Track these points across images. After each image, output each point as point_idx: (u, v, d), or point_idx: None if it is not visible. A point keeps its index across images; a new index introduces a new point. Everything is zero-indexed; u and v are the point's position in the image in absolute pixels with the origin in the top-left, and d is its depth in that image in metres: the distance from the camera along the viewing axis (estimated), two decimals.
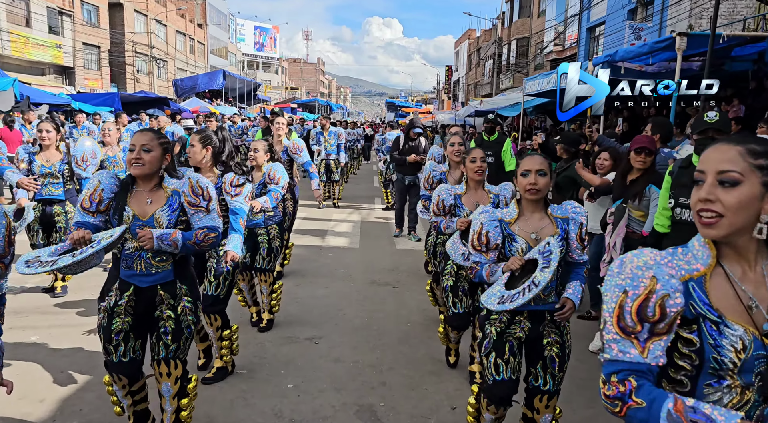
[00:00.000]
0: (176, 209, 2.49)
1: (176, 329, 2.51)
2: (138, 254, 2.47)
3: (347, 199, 11.29)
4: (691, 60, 9.20)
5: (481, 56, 38.85)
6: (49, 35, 25.24)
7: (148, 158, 2.42)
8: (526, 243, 2.37)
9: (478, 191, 3.45)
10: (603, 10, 18.69)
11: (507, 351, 2.37)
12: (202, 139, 3.33)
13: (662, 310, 1.15)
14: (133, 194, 2.49)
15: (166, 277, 2.51)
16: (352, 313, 4.80)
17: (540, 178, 2.33)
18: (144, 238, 2.36)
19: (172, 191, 2.50)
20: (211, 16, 47.12)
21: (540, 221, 2.40)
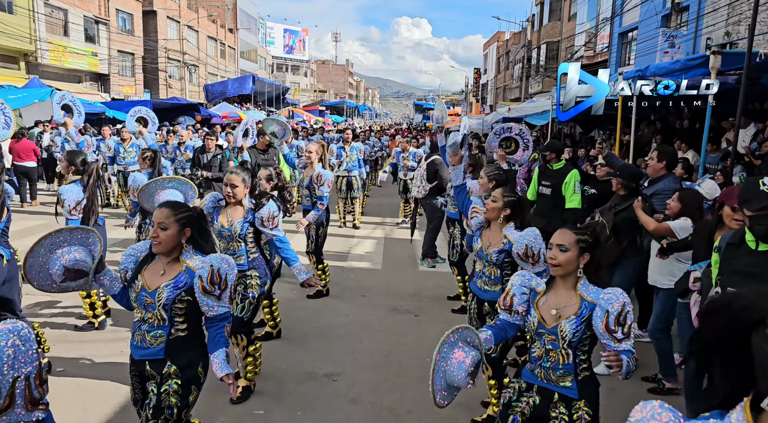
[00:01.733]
0: (181, 288, 2.41)
1: (156, 406, 2.44)
2: (138, 326, 2.48)
3: (370, 212, 11.28)
4: (726, 73, 8.91)
5: (510, 59, 38.45)
6: (85, 44, 25.98)
7: (163, 237, 2.41)
8: (537, 320, 2.31)
9: (495, 231, 3.43)
10: (636, 16, 18.25)
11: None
12: (244, 180, 3.61)
13: None
14: (152, 263, 2.51)
15: (156, 355, 2.44)
16: (372, 345, 4.78)
17: (560, 253, 2.26)
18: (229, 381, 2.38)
19: (186, 268, 2.44)
20: (242, 21, 47.82)
21: (567, 298, 2.28)
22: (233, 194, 3.58)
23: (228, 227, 3.61)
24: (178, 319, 2.44)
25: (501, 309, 2.44)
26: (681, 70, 7.86)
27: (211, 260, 2.42)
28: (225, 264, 2.43)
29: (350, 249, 8.33)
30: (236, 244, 3.64)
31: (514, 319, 2.41)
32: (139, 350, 2.48)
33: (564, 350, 2.24)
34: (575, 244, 2.26)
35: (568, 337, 2.22)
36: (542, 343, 2.29)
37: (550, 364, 2.28)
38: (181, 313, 2.44)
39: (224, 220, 3.64)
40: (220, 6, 44.39)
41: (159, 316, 2.42)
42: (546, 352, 2.28)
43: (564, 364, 2.25)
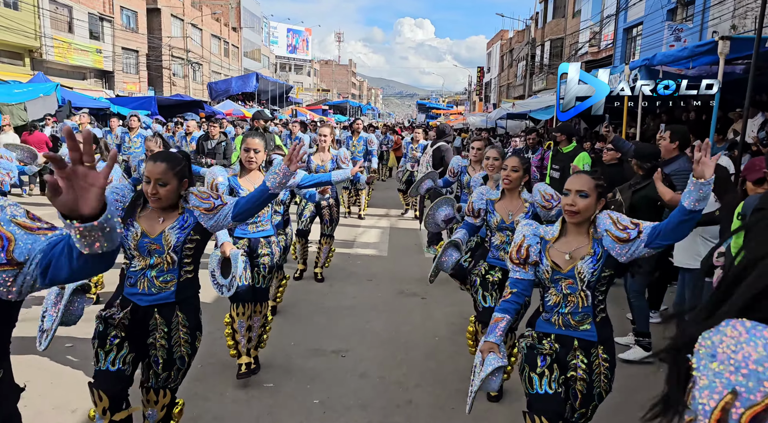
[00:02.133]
0: (187, 228, 2.39)
1: (167, 360, 2.43)
2: (143, 273, 2.40)
3: (376, 204, 11.27)
4: (734, 63, 8.87)
5: (513, 57, 38.39)
6: (90, 40, 26.04)
7: (164, 193, 2.33)
8: (550, 266, 2.27)
9: (514, 199, 3.43)
10: (641, 11, 18.19)
11: (539, 364, 2.25)
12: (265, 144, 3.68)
13: None
14: (146, 210, 2.43)
15: (167, 298, 2.42)
16: (379, 325, 4.77)
17: (580, 199, 2.21)
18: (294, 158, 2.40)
19: (186, 210, 2.42)
20: (245, 20, 47.87)
21: (578, 241, 2.27)
22: (255, 159, 3.56)
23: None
24: (187, 260, 2.43)
25: (514, 264, 2.35)
26: (689, 57, 7.82)
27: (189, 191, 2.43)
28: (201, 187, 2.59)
29: (356, 237, 8.32)
30: (264, 209, 3.66)
31: (528, 274, 2.34)
32: (145, 297, 2.41)
33: (583, 292, 2.22)
34: (594, 189, 2.23)
35: (587, 278, 2.20)
36: (558, 288, 2.26)
37: (569, 308, 2.25)
38: (190, 254, 2.43)
39: (249, 187, 3.50)
40: (223, 5, 44.44)
41: (169, 260, 2.39)
42: (564, 298, 2.25)
43: (583, 306, 2.23)
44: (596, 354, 2.24)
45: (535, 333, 2.36)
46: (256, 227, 3.68)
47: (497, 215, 3.40)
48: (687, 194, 2.04)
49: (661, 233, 2.11)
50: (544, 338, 2.32)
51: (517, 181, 3.36)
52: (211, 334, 4.19)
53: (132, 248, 2.38)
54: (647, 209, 4.26)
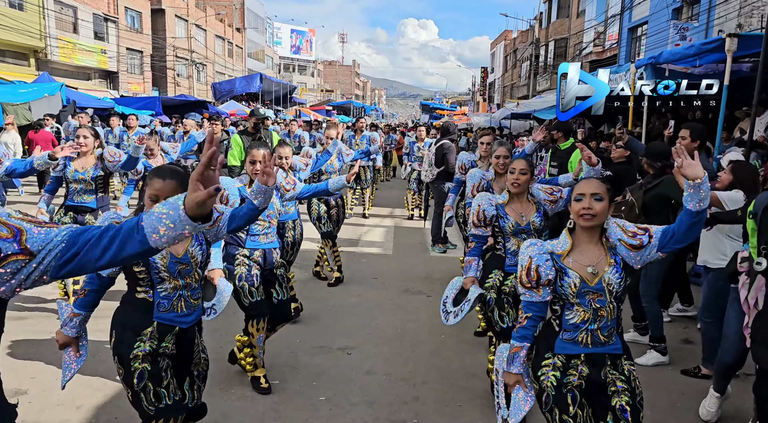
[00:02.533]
0: (203, 243, 2.42)
1: (206, 370, 2.56)
2: (177, 294, 2.35)
3: (380, 204, 11.24)
4: (741, 61, 8.82)
5: (517, 58, 38.35)
6: (94, 41, 26.13)
7: None
8: (579, 278, 2.13)
9: (523, 201, 3.30)
10: (646, 10, 18.13)
11: (570, 404, 2.11)
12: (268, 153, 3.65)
13: None
14: None
15: (200, 315, 2.48)
16: (385, 322, 4.74)
17: (596, 203, 2.11)
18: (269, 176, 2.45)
19: None
20: (249, 20, 47.96)
21: (596, 252, 2.17)
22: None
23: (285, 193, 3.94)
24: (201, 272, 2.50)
25: (526, 288, 2.21)
26: (695, 55, 7.77)
27: None
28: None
29: (361, 236, 8.30)
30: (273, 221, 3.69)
31: (542, 296, 2.20)
32: (186, 318, 2.38)
33: (611, 305, 2.14)
34: (606, 191, 2.14)
35: (615, 289, 2.12)
36: (586, 304, 2.13)
37: (599, 324, 2.14)
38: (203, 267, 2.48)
39: None
40: (228, 5, 44.53)
41: (196, 277, 2.41)
42: (594, 313, 2.14)
43: (611, 319, 2.15)
44: (622, 364, 2.17)
45: (560, 358, 2.17)
46: (266, 238, 3.60)
47: (511, 219, 3.24)
48: (688, 197, 2.01)
49: (674, 237, 2.07)
50: (569, 364, 2.16)
51: (526, 184, 3.24)
52: (216, 331, 4.18)
53: (162, 271, 2.29)
54: (660, 208, 4.17)
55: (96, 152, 4.60)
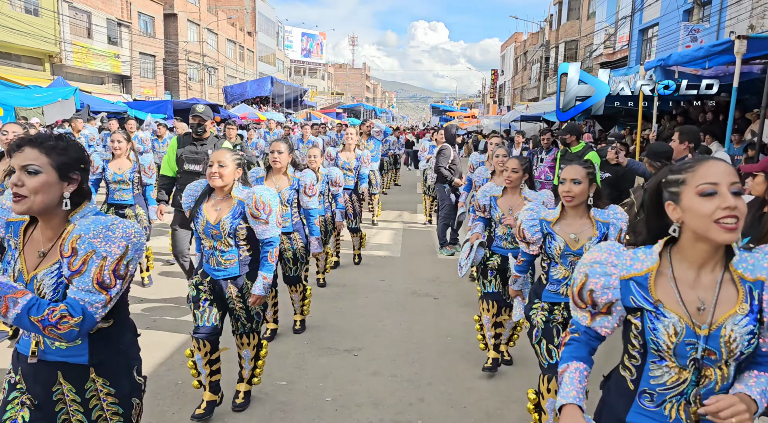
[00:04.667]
0: (238, 217, 2.91)
1: (247, 316, 3.10)
2: (211, 252, 2.98)
3: (388, 207, 11.28)
4: (751, 63, 8.77)
5: (527, 60, 38.24)
6: (108, 46, 26.46)
7: (225, 173, 2.86)
8: (564, 242, 2.65)
9: (515, 196, 3.78)
10: (657, 11, 18.03)
11: (556, 336, 2.66)
12: (289, 147, 4.01)
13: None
14: (209, 201, 2.96)
15: (233, 273, 2.99)
16: (391, 324, 4.78)
17: (574, 186, 2.58)
18: (254, 301, 3.03)
19: (237, 201, 2.91)
20: (260, 24, 48.29)
21: (581, 223, 2.66)
22: (278, 160, 3.93)
23: (277, 193, 3.78)
24: (242, 242, 2.99)
25: (519, 239, 2.87)
26: (705, 57, 7.72)
27: (254, 190, 2.93)
28: (266, 191, 2.94)
29: (369, 238, 8.32)
30: (283, 208, 3.99)
31: (531, 251, 2.86)
32: (218, 272, 3.00)
33: None
34: (585, 176, 2.59)
35: None
36: (567, 263, 2.67)
37: None
38: (244, 238, 2.98)
39: (271, 185, 3.97)
40: (239, 9, 44.88)
41: (226, 243, 2.94)
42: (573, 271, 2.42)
43: None
44: None
45: (546, 304, 2.74)
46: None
47: (499, 211, 3.76)
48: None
49: None
50: (554, 307, 2.71)
51: (518, 180, 3.71)
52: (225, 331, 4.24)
53: (200, 232, 2.97)
54: None
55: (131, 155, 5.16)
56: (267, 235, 2.95)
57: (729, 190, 1.31)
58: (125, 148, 5.08)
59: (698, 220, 1.34)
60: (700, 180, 1.34)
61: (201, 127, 4.81)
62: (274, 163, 3.95)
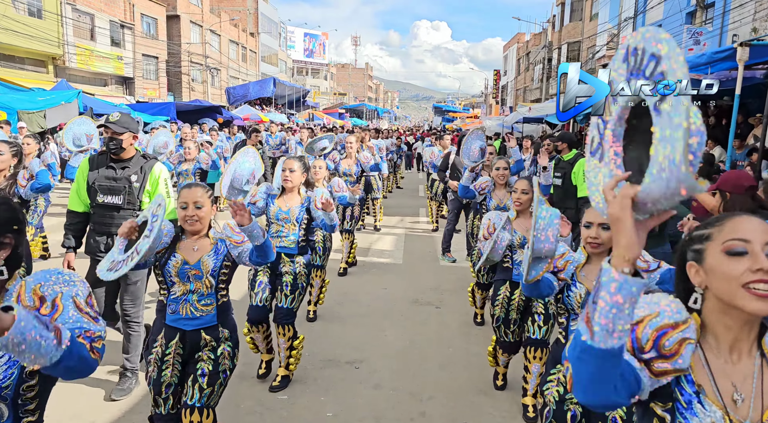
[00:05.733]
0: (221, 254, 2.62)
1: (213, 372, 2.53)
2: (184, 298, 2.57)
3: (390, 212, 11.28)
4: (754, 68, 8.75)
5: (530, 60, 38.20)
6: (111, 47, 26.52)
7: (202, 214, 2.56)
8: (585, 290, 2.28)
9: (527, 219, 3.59)
10: (660, 14, 17.99)
11: (569, 421, 2.22)
12: (303, 166, 3.81)
13: None
14: (181, 243, 2.64)
15: (210, 321, 2.60)
16: (393, 334, 4.79)
17: (603, 232, 2.24)
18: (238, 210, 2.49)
19: (217, 240, 2.65)
20: (263, 25, 48.33)
21: None
22: (290, 179, 3.72)
23: (286, 210, 3.78)
24: (222, 285, 2.63)
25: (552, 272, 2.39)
26: (707, 64, 7.72)
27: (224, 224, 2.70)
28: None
29: (371, 245, 8.35)
30: (291, 227, 3.79)
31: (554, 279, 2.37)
32: (190, 322, 2.58)
33: None
34: None
35: None
36: None
37: None
38: (225, 279, 2.64)
39: (282, 204, 3.81)
40: (242, 11, 44.95)
41: (207, 284, 2.57)
42: None
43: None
44: None
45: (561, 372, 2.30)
46: (279, 241, 3.77)
47: (518, 233, 3.53)
48: None
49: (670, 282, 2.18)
50: None
51: (528, 202, 3.53)
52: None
53: (173, 275, 2.57)
54: None
55: None
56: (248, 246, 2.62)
57: (763, 251, 1.10)
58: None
59: (723, 283, 1.12)
60: (729, 235, 1.14)
61: (115, 143, 3.47)
62: (286, 181, 3.76)
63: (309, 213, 3.84)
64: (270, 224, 3.82)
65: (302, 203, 3.81)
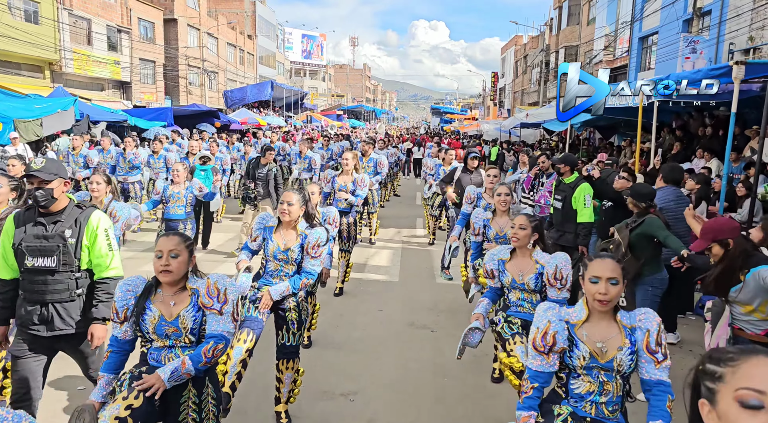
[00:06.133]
0: (200, 309, 2.48)
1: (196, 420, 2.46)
2: (165, 350, 2.47)
3: (387, 224, 11.27)
4: (750, 81, 8.76)
5: (528, 64, 38.21)
6: (108, 52, 26.48)
7: (176, 265, 2.43)
8: (589, 352, 2.14)
9: (525, 258, 3.44)
10: (656, 20, 18.01)
11: None
12: (302, 198, 3.53)
13: None
14: (157, 296, 2.50)
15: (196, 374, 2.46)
16: (388, 361, 4.78)
17: (611, 287, 2.09)
18: (150, 383, 2.27)
19: (193, 290, 2.50)
20: (260, 27, 48.30)
21: (608, 329, 2.16)
22: (288, 212, 3.46)
23: (284, 250, 3.52)
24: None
25: (538, 351, 2.20)
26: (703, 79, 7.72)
27: (209, 276, 2.53)
28: (223, 280, 2.51)
29: (367, 260, 8.34)
30: (290, 267, 3.55)
31: (551, 365, 2.20)
32: None
33: (617, 381, 2.17)
34: (621, 274, 2.13)
35: (624, 369, 2.14)
36: (594, 376, 2.16)
37: (605, 398, 2.16)
38: None
39: (279, 242, 3.54)
40: (239, 13, 44.91)
41: (187, 340, 2.47)
42: (600, 385, 2.16)
43: (617, 395, 2.16)
44: None
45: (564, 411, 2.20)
46: (280, 281, 3.55)
47: (508, 275, 3.43)
48: None
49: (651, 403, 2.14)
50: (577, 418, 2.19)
51: (526, 239, 3.38)
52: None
53: (150, 332, 2.46)
54: (644, 246, 4.39)
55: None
56: (217, 330, 2.44)
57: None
58: (103, 191, 4.64)
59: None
60: (743, 382, 1.02)
61: (43, 194, 2.91)
62: (283, 214, 3.49)
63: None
64: (267, 261, 3.60)
65: (299, 243, 3.54)
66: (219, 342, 2.43)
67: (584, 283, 2.16)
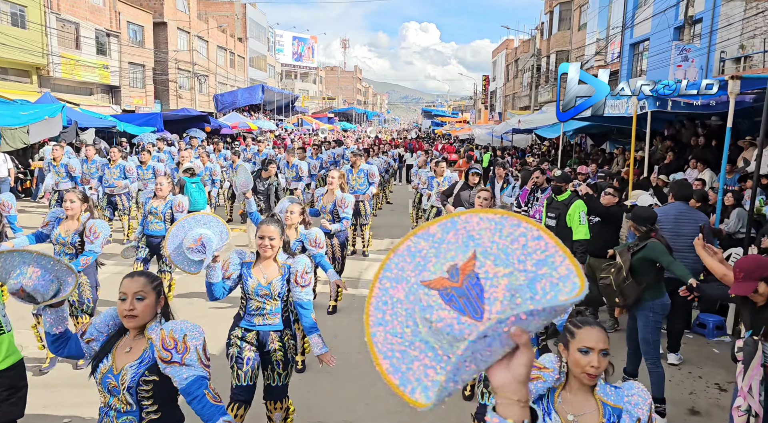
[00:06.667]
0: (147, 364, 2.17)
1: None
2: (105, 412, 2.21)
3: (381, 235, 11.17)
4: (744, 93, 8.77)
5: (519, 68, 38.30)
6: (96, 56, 26.19)
7: (141, 308, 2.18)
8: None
9: None
10: (648, 27, 18.08)
11: None
12: (281, 230, 3.44)
13: None
14: (123, 340, 2.29)
15: None
16: (383, 389, 4.65)
17: (603, 359, 1.93)
18: None
19: (148, 342, 2.21)
20: (251, 30, 48.09)
21: (585, 402, 1.98)
22: (271, 246, 3.29)
23: (266, 285, 3.32)
24: (147, 402, 2.17)
25: None
26: (697, 94, 7.73)
27: (162, 326, 2.22)
28: (181, 326, 2.21)
29: (361, 273, 8.24)
30: (273, 303, 3.36)
31: None
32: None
33: None
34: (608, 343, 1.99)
35: None
36: None
37: None
38: (149, 396, 2.17)
39: (260, 277, 3.34)
40: (229, 16, 44.68)
41: (125, 401, 2.15)
42: None
43: None
44: None
45: None
46: (263, 320, 3.37)
47: None
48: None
49: None
50: None
51: None
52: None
53: (97, 382, 2.20)
54: (646, 270, 4.32)
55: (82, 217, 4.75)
56: (186, 379, 2.13)
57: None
58: (78, 209, 4.62)
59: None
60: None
61: None
62: (265, 250, 3.30)
63: (289, 282, 3.40)
64: (248, 300, 3.36)
65: (282, 275, 3.35)
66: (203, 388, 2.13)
67: (569, 351, 1.99)
